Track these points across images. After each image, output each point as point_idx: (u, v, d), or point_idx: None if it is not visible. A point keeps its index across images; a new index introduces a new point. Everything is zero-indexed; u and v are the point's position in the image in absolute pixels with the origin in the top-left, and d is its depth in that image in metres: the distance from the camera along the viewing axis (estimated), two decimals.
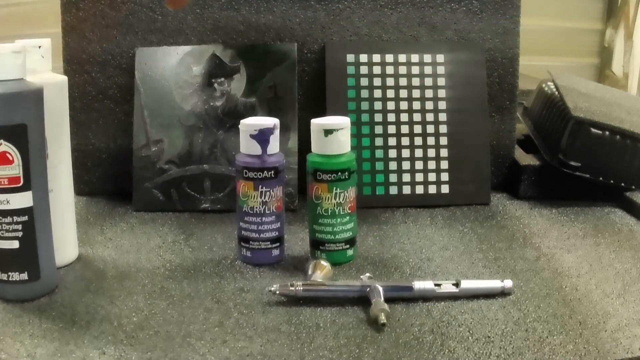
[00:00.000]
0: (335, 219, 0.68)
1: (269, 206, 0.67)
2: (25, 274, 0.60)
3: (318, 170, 0.67)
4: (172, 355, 0.52)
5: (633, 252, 0.72)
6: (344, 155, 0.68)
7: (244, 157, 0.66)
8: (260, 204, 0.66)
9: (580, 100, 0.90)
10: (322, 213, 0.68)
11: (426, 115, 0.88)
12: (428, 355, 0.52)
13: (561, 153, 0.86)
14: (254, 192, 0.66)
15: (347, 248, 0.69)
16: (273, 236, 0.68)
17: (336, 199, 0.67)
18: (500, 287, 0.62)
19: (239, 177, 0.66)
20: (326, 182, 0.67)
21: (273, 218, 0.67)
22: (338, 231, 0.68)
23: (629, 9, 1.76)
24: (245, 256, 0.69)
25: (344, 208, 0.68)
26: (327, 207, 0.67)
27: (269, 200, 0.66)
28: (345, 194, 0.67)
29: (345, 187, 0.68)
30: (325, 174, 0.67)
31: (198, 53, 0.88)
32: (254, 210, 0.67)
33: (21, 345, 0.53)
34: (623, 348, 0.53)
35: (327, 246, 0.68)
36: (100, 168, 0.91)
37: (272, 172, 0.66)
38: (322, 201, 0.67)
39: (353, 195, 0.69)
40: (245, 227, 0.68)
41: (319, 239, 0.69)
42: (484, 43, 0.91)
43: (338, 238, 0.68)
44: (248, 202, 0.66)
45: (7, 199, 0.58)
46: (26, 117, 0.58)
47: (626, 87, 1.75)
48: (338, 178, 0.67)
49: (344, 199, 0.67)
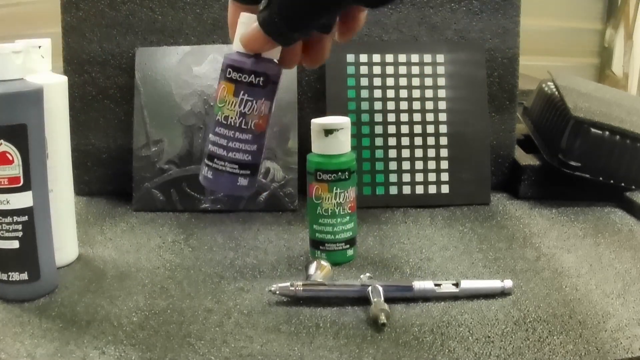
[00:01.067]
0: (336, 219, 0.68)
1: (247, 120, 0.52)
2: (25, 274, 0.60)
3: (318, 170, 0.67)
4: (172, 355, 0.52)
5: (633, 252, 0.72)
6: (344, 155, 0.68)
7: (233, 54, 0.52)
8: (237, 114, 0.52)
9: (580, 100, 0.90)
10: (323, 213, 0.68)
11: (426, 115, 0.88)
12: (428, 355, 0.52)
13: (561, 153, 0.86)
14: (232, 98, 0.52)
15: (347, 248, 0.69)
16: (244, 159, 0.53)
17: (336, 199, 0.67)
18: (500, 287, 0.62)
19: (221, 77, 0.53)
20: (327, 182, 0.67)
21: (249, 137, 0.52)
22: (338, 231, 0.68)
23: (629, 9, 1.76)
24: (206, 177, 0.54)
25: (344, 208, 0.68)
26: (328, 207, 0.67)
27: (248, 113, 0.52)
28: (345, 194, 0.67)
29: (346, 187, 0.67)
30: (326, 174, 0.66)
31: (198, 53, 0.88)
32: (227, 121, 0.52)
33: (21, 345, 0.53)
34: (623, 348, 0.53)
35: (327, 246, 0.69)
36: (100, 168, 0.91)
37: (260, 79, 0.51)
38: (323, 201, 0.67)
39: (353, 195, 0.69)
40: (214, 141, 0.53)
41: (319, 239, 0.69)
42: (484, 43, 0.91)
43: (338, 238, 0.68)
44: (223, 109, 0.52)
45: (7, 199, 0.58)
46: (26, 117, 0.58)
47: (626, 87, 1.75)
48: (338, 178, 0.67)
49: (344, 199, 0.68)
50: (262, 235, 0.77)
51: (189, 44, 0.89)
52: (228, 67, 0.52)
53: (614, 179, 0.85)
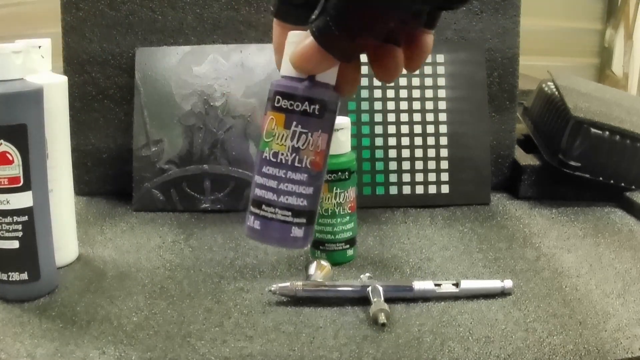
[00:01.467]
0: (336, 219, 0.68)
1: (301, 157, 0.43)
2: (25, 274, 0.60)
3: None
4: (172, 355, 0.52)
5: (633, 252, 0.72)
6: (344, 155, 0.68)
7: (282, 80, 0.43)
8: (289, 150, 0.43)
9: (580, 100, 0.90)
10: (322, 213, 0.67)
11: (426, 115, 0.88)
12: (428, 355, 0.52)
13: (561, 153, 0.86)
14: (283, 130, 0.43)
15: (347, 248, 0.69)
16: (298, 205, 0.43)
17: (336, 199, 0.67)
18: (500, 287, 0.62)
19: (267, 107, 0.44)
20: (326, 182, 0.66)
21: (304, 177, 0.43)
22: (338, 231, 0.68)
23: (629, 9, 1.76)
24: (252, 228, 0.44)
25: (344, 208, 0.68)
26: (327, 207, 0.67)
27: (303, 148, 0.43)
28: (345, 194, 0.67)
29: (346, 187, 0.67)
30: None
31: (198, 53, 0.88)
32: (277, 159, 0.43)
33: (21, 345, 0.53)
34: (623, 348, 0.53)
35: (327, 246, 0.68)
36: (100, 168, 0.91)
37: (316, 107, 0.42)
38: (322, 201, 0.67)
39: (353, 195, 0.68)
40: (261, 184, 0.43)
41: (318, 239, 0.69)
42: (484, 43, 0.91)
43: (338, 238, 0.68)
44: (272, 144, 0.43)
45: (7, 199, 0.58)
46: (26, 117, 0.58)
47: (626, 87, 1.75)
48: (338, 178, 0.66)
49: (344, 199, 0.67)
50: None
51: (189, 44, 0.89)
52: (277, 95, 0.43)
53: (614, 179, 0.85)
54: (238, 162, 0.85)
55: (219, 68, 0.87)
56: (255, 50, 0.88)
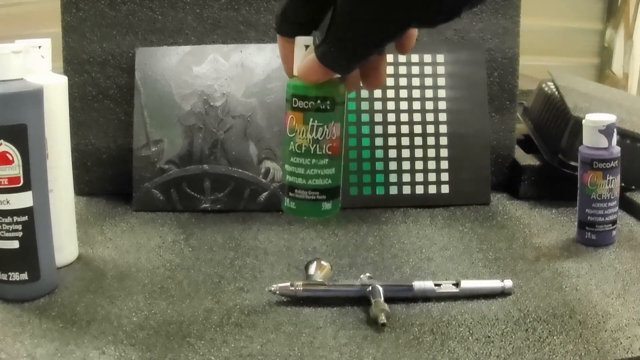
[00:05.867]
0: (309, 159, 0.52)
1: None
2: (25, 274, 0.60)
3: (295, 95, 0.51)
4: (172, 355, 0.52)
5: (633, 252, 0.72)
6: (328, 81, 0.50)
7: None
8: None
9: (580, 100, 0.90)
10: (295, 150, 0.52)
11: (426, 115, 0.88)
12: (428, 355, 0.52)
13: (561, 153, 0.86)
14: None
15: (323, 199, 0.52)
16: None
17: (312, 134, 0.51)
18: (500, 287, 0.62)
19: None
20: (301, 110, 0.51)
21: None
22: (311, 175, 0.52)
23: (629, 9, 1.76)
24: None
25: (322, 147, 0.51)
26: (301, 142, 0.51)
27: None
28: (325, 129, 0.51)
29: (326, 120, 0.51)
30: (302, 101, 0.51)
31: (198, 53, 0.88)
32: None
33: (21, 345, 0.53)
34: (623, 348, 0.53)
35: (297, 193, 0.52)
36: (100, 168, 0.91)
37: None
38: (296, 135, 0.51)
39: (337, 134, 0.52)
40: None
41: (289, 184, 0.52)
42: (484, 43, 0.91)
43: (310, 184, 0.52)
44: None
45: (7, 199, 0.58)
46: (26, 117, 0.58)
47: (626, 87, 1.74)
48: (317, 107, 0.51)
49: (323, 136, 0.51)
50: (262, 235, 0.77)
51: (189, 44, 0.89)
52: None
53: None
54: (238, 162, 0.85)
55: (219, 68, 0.87)
56: (255, 50, 0.88)
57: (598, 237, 0.73)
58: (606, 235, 0.74)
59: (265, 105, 0.86)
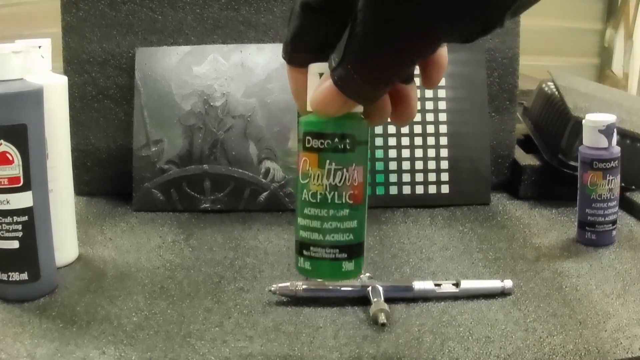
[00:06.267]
0: (326, 210, 0.43)
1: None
2: (25, 274, 0.60)
3: (308, 133, 0.42)
4: (172, 355, 0.52)
5: (633, 252, 0.72)
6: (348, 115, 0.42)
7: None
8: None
9: (580, 100, 0.90)
10: (309, 199, 0.43)
11: (426, 115, 0.88)
12: (428, 355, 0.52)
13: (561, 153, 0.86)
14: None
15: (344, 258, 0.43)
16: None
17: (329, 179, 0.42)
18: (500, 287, 0.62)
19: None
20: (316, 151, 0.42)
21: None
22: (329, 229, 0.43)
23: (629, 9, 1.76)
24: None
25: (342, 195, 0.42)
26: (316, 189, 0.43)
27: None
28: (344, 173, 0.42)
29: (345, 162, 0.42)
30: (316, 139, 0.42)
31: (198, 53, 0.88)
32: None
33: (21, 345, 0.53)
34: (623, 348, 0.53)
35: (313, 251, 0.44)
36: (100, 168, 0.91)
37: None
38: (310, 181, 0.43)
39: (359, 179, 0.43)
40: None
41: (302, 240, 0.44)
42: (484, 43, 0.91)
43: (328, 240, 0.43)
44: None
45: (7, 199, 0.58)
46: (26, 117, 0.58)
47: (626, 87, 1.75)
48: (334, 147, 0.42)
49: (342, 181, 0.42)
50: (262, 235, 0.77)
51: (189, 44, 0.89)
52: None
53: None
54: (238, 162, 0.85)
55: (219, 68, 0.87)
56: (255, 50, 0.88)
57: (598, 237, 0.73)
58: (606, 235, 0.74)
59: (265, 105, 0.86)
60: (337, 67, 0.38)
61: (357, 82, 0.37)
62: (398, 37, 0.35)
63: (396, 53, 0.36)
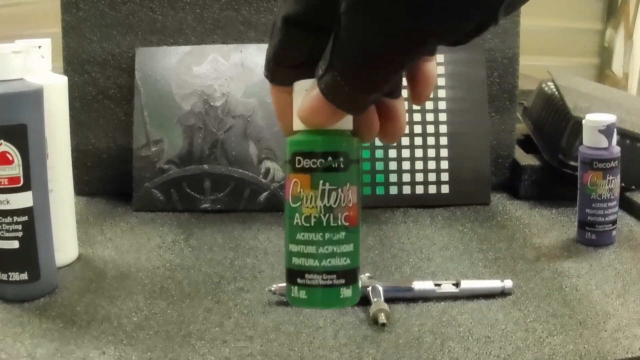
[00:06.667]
0: (322, 234, 0.40)
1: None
2: (25, 274, 0.60)
3: (298, 153, 0.40)
4: (172, 355, 0.52)
5: (633, 252, 0.72)
6: (339, 132, 0.40)
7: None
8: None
9: (580, 100, 0.90)
10: (302, 223, 0.40)
11: (426, 115, 0.88)
12: (428, 355, 0.52)
13: (561, 153, 0.86)
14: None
15: (341, 284, 0.40)
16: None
17: (323, 201, 0.40)
18: (500, 287, 0.62)
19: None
20: (308, 171, 0.40)
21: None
22: (325, 254, 0.40)
23: (629, 9, 1.76)
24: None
25: (337, 217, 0.40)
26: (309, 212, 0.40)
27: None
28: (339, 194, 0.40)
29: (339, 182, 0.40)
30: (307, 159, 0.40)
31: (198, 53, 0.88)
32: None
33: (21, 345, 0.53)
34: (623, 348, 0.53)
35: (308, 278, 0.40)
36: (100, 168, 0.91)
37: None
38: (302, 204, 0.40)
39: (354, 200, 0.40)
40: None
41: (296, 267, 0.40)
42: (484, 43, 0.91)
43: (325, 265, 0.40)
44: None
45: (7, 199, 0.58)
46: (26, 117, 0.58)
47: (626, 87, 1.74)
48: (328, 166, 0.40)
49: (337, 202, 0.40)
50: (262, 235, 0.77)
51: (189, 44, 0.89)
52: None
53: None
54: (238, 162, 0.85)
55: (219, 68, 0.87)
56: (255, 50, 0.88)
57: (598, 237, 0.73)
58: (606, 235, 0.74)
59: (265, 105, 0.86)
60: (324, 75, 0.36)
61: (345, 90, 0.35)
62: (385, 41, 0.33)
63: (384, 57, 0.34)
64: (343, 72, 0.35)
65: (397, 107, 0.40)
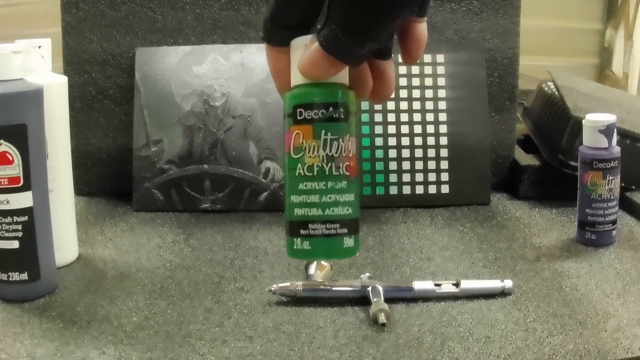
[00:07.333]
0: (324, 182, 0.41)
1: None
2: (25, 274, 0.60)
3: (299, 105, 0.41)
4: (172, 355, 0.52)
5: (633, 252, 0.72)
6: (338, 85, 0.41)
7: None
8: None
9: (580, 100, 0.90)
10: (304, 172, 0.41)
11: (426, 115, 0.88)
12: (428, 355, 0.52)
13: (561, 153, 0.86)
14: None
15: (344, 234, 0.41)
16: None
17: (325, 150, 0.41)
18: (500, 287, 0.62)
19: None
20: (311, 122, 0.41)
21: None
22: (328, 202, 0.41)
23: (629, 9, 1.76)
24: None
25: (339, 166, 0.41)
26: (312, 162, 0.41)
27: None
28: (340, 143, 0.41)
29: (341, 132, 0.41)
30: (309, 110, 0.41)
31: (198, 53, 0.88)
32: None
33: (21, 345, 0.53)
34: (623, 348, 0.53)
35: (312, 228, 0.41)
36: (100, 168, 0.91)
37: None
38: (304, 154, 0.41)
39: (353, 151, 0.42)
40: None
41: (298, 218, 0.41)
42: (484, 43, 0.91)
43: (328, 214, 0.41)
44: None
45: (7, 199, 0.58)
46: (26, 117, 0.58)
47: (626, 87, 1.74)
48: (329, 116, 0.40)
49: (339, 152, 0.41)
50: (262, 235, 0.77)
51: (189, 44, 0.89)
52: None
53: None
54: (238, 162, 0.85)
55: (219, 68, 0.87)
56: (255, 50, 0.88)
57: (598, 237, 0.74)
58: (606, 235, 0.74)
59: (265, 105, 0.86)
60: (322, 29, 0.38)
61: (343, 42, 0.38)
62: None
63: (378, 8, 0.36)
64: (340, 26, 0.37)
65: (387, 69, 0.42)
